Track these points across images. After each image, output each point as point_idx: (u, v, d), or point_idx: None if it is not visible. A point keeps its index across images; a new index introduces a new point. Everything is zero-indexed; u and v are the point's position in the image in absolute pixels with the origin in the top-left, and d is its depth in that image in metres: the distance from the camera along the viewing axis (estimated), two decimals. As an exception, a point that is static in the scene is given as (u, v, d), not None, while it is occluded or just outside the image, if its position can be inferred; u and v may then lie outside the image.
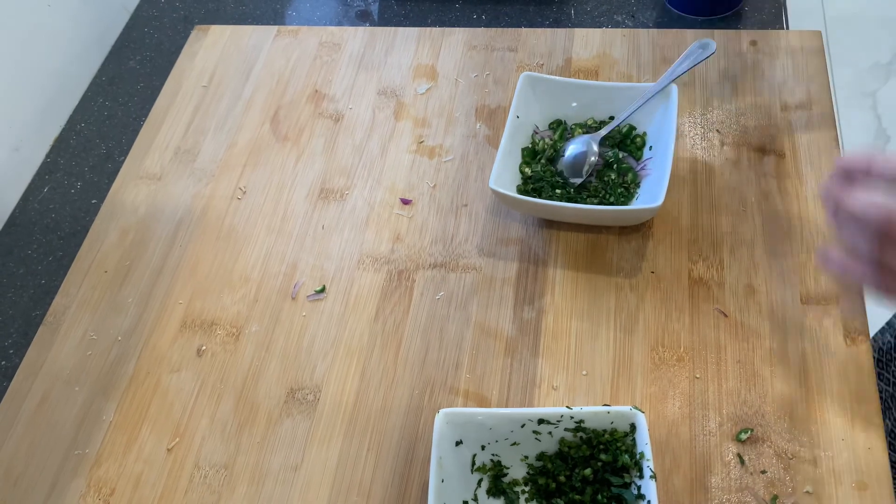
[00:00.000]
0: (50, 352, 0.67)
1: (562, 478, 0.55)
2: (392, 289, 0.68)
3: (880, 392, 0.71)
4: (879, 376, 0.72)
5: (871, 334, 0.70)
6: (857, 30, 2.05)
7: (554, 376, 0.62)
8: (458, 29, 0.87)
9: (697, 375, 0.60)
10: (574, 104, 0.73)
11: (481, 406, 0.61)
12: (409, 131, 0.79)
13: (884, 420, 0.56)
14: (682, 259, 0.66)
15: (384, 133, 0.79)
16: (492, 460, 0.56)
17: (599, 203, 0.68)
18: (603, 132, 0.71)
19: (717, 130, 0.74)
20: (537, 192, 0.69)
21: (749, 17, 0.86)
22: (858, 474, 0.55)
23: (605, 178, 0.70)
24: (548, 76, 0.74)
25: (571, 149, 0.71)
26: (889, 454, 0.55)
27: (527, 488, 0.56)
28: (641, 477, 0.52)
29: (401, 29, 0.88)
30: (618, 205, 0.68)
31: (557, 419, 0.54)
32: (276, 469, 0.59)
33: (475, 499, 0.55)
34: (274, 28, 0.90)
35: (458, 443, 0.55)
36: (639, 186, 0.69)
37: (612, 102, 0.72)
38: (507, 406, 0.61)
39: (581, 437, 0.55)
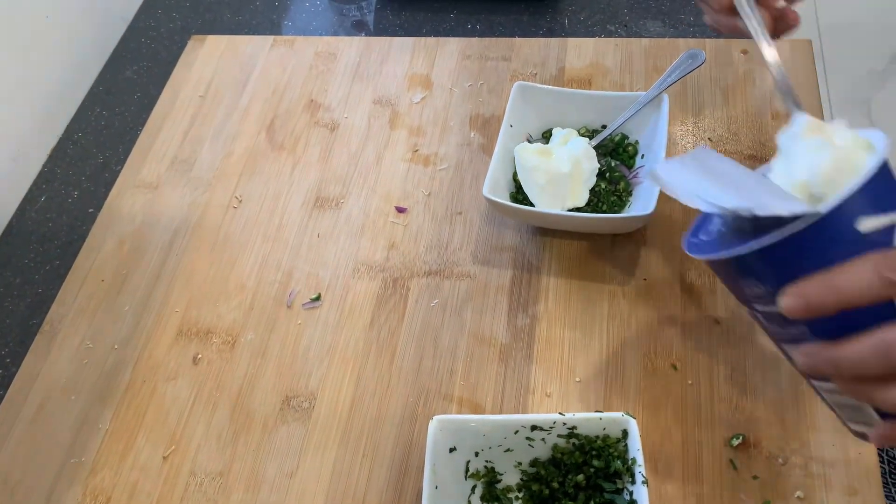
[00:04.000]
0: (46, 360, 0.68)
1: (555, 484, 0.55)
2: (387, 296, 0.68)
3: None
4: None
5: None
6: (851, 37, 2.06)
7: (547, 383, 0.62)
8: (452, 39, 0.88)
9: (690, 382, 0.61)
10: (567, 113, 0.74)
11: (475, 413, 0.61)
12: (403, 140, 0.79)
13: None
14: (675, 266, 0.67)
15: (379, 142, 0.79)
16: (485, 467, 0.57)
17: (592, 211, 0.69)
18: (595, 141, 0.72)
19: (709, 139, 0.75)
20: (531, 201, 0.70)
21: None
22: (849, 479, 0.55)
23: (598, 187, 0.70)
24: (541, 85, 0.74)
25: (564, 157, 0.72)
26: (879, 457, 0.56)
27: (520, 494, 0.57)
28: (633, 483, 0.52)
29: (396, 39, 0.89)
30: (610, 213, 0.69)
31: (550, 425, 0.54)
32: (272, 476, 0.60)
33: (469, 505, 0.56)
34: (270, 38, 0.91)
35: (452, 449, 0.55)
36: (631, 194, 0.70)
37: (604, 111, 0.73)
38: (501, 413, 0.61)
39: (574, 444, 0.55)
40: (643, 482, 0.51)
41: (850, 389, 0.40)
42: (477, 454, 0.56)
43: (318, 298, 0.69)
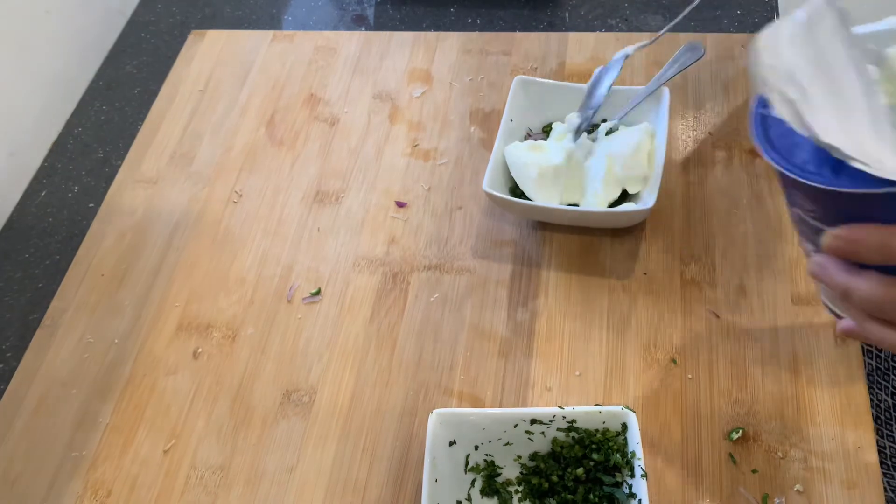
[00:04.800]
0: (47, 355, 0.68)
1: (554, 477, 0.55)
2: (387, 291, 0.68)
3: (879, 411, 0.71)
4: (879, 385, 0.71)
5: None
6: (852, 32, 2.05)
7: (547, 377, 0.62)
8: (452, 33, 0.88)
9: (689, 376, 0.61)
10: (567, 107, 0.74)
11: (475, 407, 0.61)
12: (403, 135, 0.79)
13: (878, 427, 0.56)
14: (675, 260, 0.67)
15: (379, 136, 0.79)
16: (485, 460, 0.57)
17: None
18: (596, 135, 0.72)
19: (710, 132, 0.75)
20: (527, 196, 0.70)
21: (741, 20, 0.87)
22: (848, 473, 0.55)
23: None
24: (541, 80, 0.74)
25: (564, 151, 0.72)
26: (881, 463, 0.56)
27: (520, 488, 0.57)
28: (633, 476, 0.52)
29: (396, 33, 0.89)
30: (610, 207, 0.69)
31: (550, 419, 0.55)
32: (272, 470, 0.60)
33: (469, 499, 0.56)
34: (270, 33, 0.91)
35: (452, 443, 0.55)
36: (631, 189, 0.70)
37: (604, 106, 0.73)
38: (500, 407, 0.61)
39: (573, 437, 0.56)
40: (642, 476, 0.51)
41: (847, 310, 0.41)
42: (477, 448, 0.56)
43: (318, 293, 0.69)
